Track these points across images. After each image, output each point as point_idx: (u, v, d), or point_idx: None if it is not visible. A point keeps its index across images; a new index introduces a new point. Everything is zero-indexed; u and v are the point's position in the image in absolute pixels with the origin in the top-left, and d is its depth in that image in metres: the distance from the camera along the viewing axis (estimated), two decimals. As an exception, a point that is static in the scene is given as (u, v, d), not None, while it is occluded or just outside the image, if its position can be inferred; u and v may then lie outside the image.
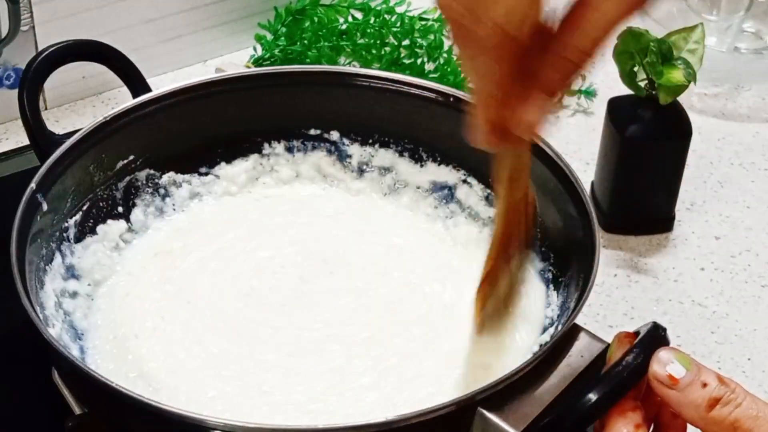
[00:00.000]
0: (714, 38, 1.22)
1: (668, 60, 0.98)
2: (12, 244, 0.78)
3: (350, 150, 0.98)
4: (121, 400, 0.70)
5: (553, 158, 0.87)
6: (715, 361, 0.93)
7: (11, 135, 1.11)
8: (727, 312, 0.98)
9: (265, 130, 0.97)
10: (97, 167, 0.90)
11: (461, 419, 0.71)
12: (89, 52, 0.94)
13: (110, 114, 0.90)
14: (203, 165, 0.96)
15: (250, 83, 0.95)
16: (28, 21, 1.09)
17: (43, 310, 0.80)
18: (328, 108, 0.96)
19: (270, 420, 0.77)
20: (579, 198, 0.84)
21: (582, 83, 1.19)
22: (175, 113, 0.93)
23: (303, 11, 1.21)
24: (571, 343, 0.75)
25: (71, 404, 0.80)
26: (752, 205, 1.09)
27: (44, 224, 0.84)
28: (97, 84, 1.17)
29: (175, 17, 1.19)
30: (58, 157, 0.86)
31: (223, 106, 0.95)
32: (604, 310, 0.97)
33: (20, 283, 0.76)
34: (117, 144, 0.91)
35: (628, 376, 0.68)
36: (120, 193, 0.92)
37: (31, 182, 0.83)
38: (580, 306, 0.75)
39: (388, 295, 0.87)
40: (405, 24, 1.22)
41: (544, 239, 0.88)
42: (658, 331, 0.69)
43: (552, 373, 0.73)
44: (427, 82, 0.95)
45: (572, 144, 1.15)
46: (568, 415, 0.68)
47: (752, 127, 1.19)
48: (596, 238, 0.80)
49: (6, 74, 1.11)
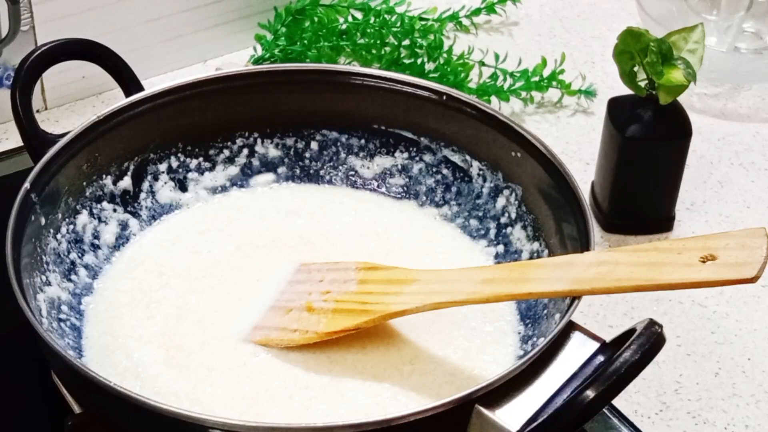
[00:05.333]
0: (714, 38, 1.22)
1: (668, 60, 0.98)
2: (7, 244, 0.78)
3: (344, 147, 0.98)
4: (120, 400, 0.70)
5: (548, 157, 0.87)
6: (715, 361, 0.93)
7: (11, 135, 1.11)
8: (727, 312, 0.97)
9: (258, 128, 0.97)
10: (91, 166, 0.90)
11: (459, 417, 0.71)
12: (82, 51, 0.94)
13: (103, 113, 0.90)
14: (197, 163, 0.96)
15: (242, 81, 0.95)
16: (28, 21, 1.09)
17: (40, 310, 0.80)
18: (322, 106, 0.97)
19: (270, 417, 0.77)
20: (574, 196, 0.84)
21: (582, 83, 1.19)
22: (168, 112, 0.93)
23: (303, 11, 1.21)
24: (566, 340, 0.75)
25: (71, 404, 0.80)
26: (752, 205, 1.09)
27: (38, 224, 0.84)
28: (97, 84, 1.17)
29: (175, 17, 1.19)
30: (52, 157, 0.86)
31: (216, 105, 0.95)
32: (604, 310, 0.97)
33: (16, 283, 0.76)
34: (111, 143, 0.91)
35: (625, 373, 0.68)
36: (115, 192, 0.92)
37: (25, 182, 0.83)
38: (575, 304, 0.75)
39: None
40: (405, 24, 1.22)
41: (540, 237, 0.88)
42: (654, 328, 0.69)
43: (548, 371, 0.73)
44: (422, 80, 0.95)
45: (572, 144, 1.14)
46: (566, 412, 0.68)
47: (752, 127, 1.18)
48: (591, 234, 0.80)
49: (6, 74, 1.11)
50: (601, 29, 1.31)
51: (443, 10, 1.27)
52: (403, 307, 0.79)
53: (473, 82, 1.19)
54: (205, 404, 0.78)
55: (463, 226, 0.94)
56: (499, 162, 0.93)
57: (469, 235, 0.94)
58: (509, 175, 0.92)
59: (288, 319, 0.83)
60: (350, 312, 0.81)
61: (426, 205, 0.96)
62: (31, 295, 0.79)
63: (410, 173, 0.97)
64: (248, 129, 0.97)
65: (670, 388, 0.90)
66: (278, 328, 0.83)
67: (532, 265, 0.79)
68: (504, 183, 0.93)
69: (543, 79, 1.18)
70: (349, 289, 0.83)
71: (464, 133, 0.94)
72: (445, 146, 0.96)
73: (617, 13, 1.34)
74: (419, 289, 0.80)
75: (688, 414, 0.88)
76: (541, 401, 0.71)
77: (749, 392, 0.90)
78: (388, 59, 1.20)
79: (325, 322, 0.82)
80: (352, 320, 0.81)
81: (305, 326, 0.82)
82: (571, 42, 1.29)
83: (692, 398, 0.89)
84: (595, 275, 0.73)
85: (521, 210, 0.91)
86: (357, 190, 0.98)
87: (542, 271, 0.77)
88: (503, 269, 0.80)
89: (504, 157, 0.92)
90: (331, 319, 0.82)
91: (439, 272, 0.82)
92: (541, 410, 0.70)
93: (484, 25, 1.31)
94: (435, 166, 0.97)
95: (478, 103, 0.93)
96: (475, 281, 0.78)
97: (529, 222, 0.90)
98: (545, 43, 1.29)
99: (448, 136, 0.95)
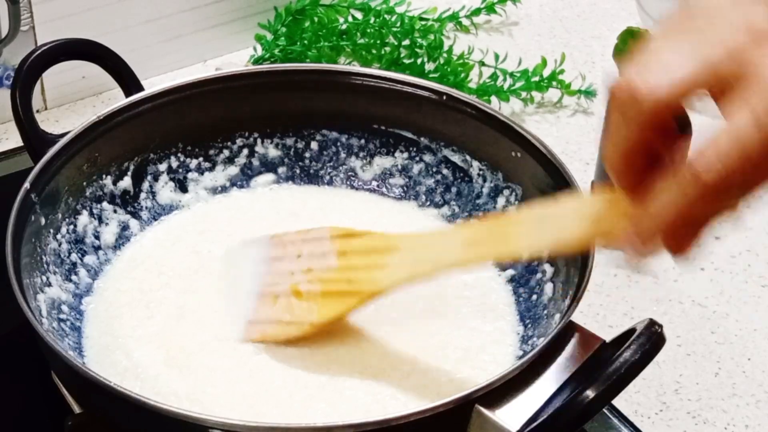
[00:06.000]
0: (714, 38, 1.21)
1: (668, 59, 0.98)
2: (7, 244, 0.78)
3: (344, 147, 0.98)
4: (120, 400, 0.70)
5: (548, 157, 0.87)
6: (715, 361, 0.93)
7: (11, 135, 1.11)
8: (727, 312, 0.97)
9: (258, 128, 0.97)
10: (91, 166, 0.90)
11: (459, 417, 0.71)
12: (82, 51, 0.94)
13: (103, 113, 0.90)
14: (197, 163, 0.96)
15: (242, 81, 0.95)
16: (28, 21, 1.10)
17: (40, 310, 0.80)
18: (322, 106, 0.97)
19: (270, 417, 0.77)
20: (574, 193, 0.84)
21: (582, 83, 1.19)
22: (168, 112, 0.93)
23: (303, 11, 1.21)
24: (567, 340, 0.75)
25: (71, 404, 0.80)
26: (752, 204, 1.09)
27: (38, 224, 0.84)
28: (97, 84, 1.17)
29: (175, 17, 1.19)
30: (52, 157, 0.86)
31: (216, 105, 0.95)
32: (604, 310, 0.97)
33: (16, 283, 0.76)
34: (111, 143, 0.91)
35: (625, 373, 0.68)
36: (115, 192, 0.92)
37: (25, 182, 0.83)
38: (575, 303, 0.75)
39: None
40: (405, 24, 1.22)
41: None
42: (654, 328, 0.69)
43: (549, 370, 0.73)
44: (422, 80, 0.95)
45: (572, 144, 1.14)
46: (566, 412, 0.68)
47: (752, 127, 1.18)
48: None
49: (6, 74, 1.11)
50: (601, 29, 1.31)
51: (443, 10, 1.27)
52: (389, 282, 0.78)
53: (473, 82, 1.19)
54: (205, 404, 0.77)
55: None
56: (499, 162, 0.93)
57: None
58: (509, 175, 0.92)
59: (279, 309, 0.83)
60: (339, 294, 0.81)
61: (426, 206, 0.96)
62: (31, 295, 0.79)
63: (410, 173, 0.97)
64: (248, 129, 0.97)
65: (670, 388, 0.90)
66: (272, 321, 0.83)
67: (512, 223, 0.75)
68: (504, 183, 0.93)
69: (543, 79, 1.18)
70: (331, 264, 0.82)
71: (464, 133, 0.94)
72: (445, 146, 0.96)
73: (617, 13, 1.34)
74: (403, 260, 0.79)
75: (688, 414, 0.88)
76: (541, 401, 0.71)
77: (749, 392, 0.90)
78: (388, 59, 1.20)
79: (317, 309, 0.81)
80: (343, 304, 0.80)
81: (299, 317, 0.82)
82: (571, 42, 1.29)
83: (692, 398, 0.89)
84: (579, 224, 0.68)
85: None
86: (357, 191, 0.98)
87: (524, 228, 0.72)
88: (482, 229, 0.76)
89: (504, 157, 0.92)
90: (322, 305, 0.81)
91: (418, 237, 0.81)
92: (541, 410, 0.70)
93: (484, 25, 1.31)
94: (435, 166, 0.97)
95: (478, 103, 0.93)
96: (456, 244, 0.76)
97: (530, 222, 0.90)
98: (545, 43, 1.29)
99: (448, 136, 0.95)
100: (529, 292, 0.87)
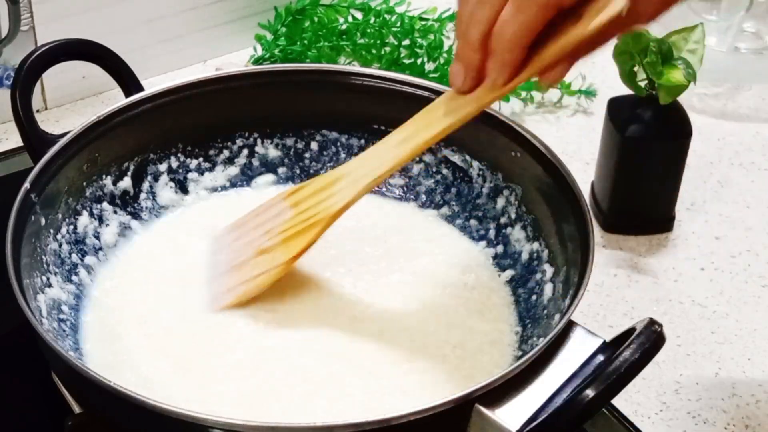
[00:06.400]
0: (714, 38, 1.22)
1: (668, 60, 0.98)
2: (7, 244, 0.78)
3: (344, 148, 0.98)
4: (120, 400, 0.70)
5: (547, 157, 0.87)
6: (715, 361, 0.93)
7: (11, 135, 1.11)
8: (727, 312, 0.97)
9: (258, 128, 0.97)
10: (91, 166, 0.90)
11: (459, 416, 0.71)
12: (82, 51, 0.94)
13: (103, 113, 0.90)
14: (197, 163, 0.96)
15: (242, 81, 0.95)
16: (28, 21, 1.10)
17: (40, 311, 0.80)
18: (322, 106, 0.97)
19: (269, 413, 0.77)
20: (574, 196, 0.84)
21: (582, 83, 1.19)
22: (168, 112, 0.93)
23: (303, 11, 1.21)
24: (566, 340, 0.75)
25: (71, 404, 0.80)
26: (752, 205, 1.09)
27: (38, 224, 0.84)
28: (98, 84, 1.17)
29: (175, 17, 1.19)
30: (52, 157, 0.86)
31: (216, 105, 0.95)
32: (604, 310, 0.97)
33: (16, 283, 0.76)
34: (111, 143, 0.91)
35: (625, 373, 0.68)
36: (115, 192, 0.92)
37: (25, 182, 0.83)
38: (575, 304, 0.75)
39: (391, 283, 0.88)
40: (405, 24, 1.22)
41: (540, 237, 0.88)
42: (654, 327, 0.69)
43: (549, 370, 0.73)
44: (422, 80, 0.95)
45: (572, 144, 1.14)
46: (566, 412, 0.68)
47: (752, 127, 1.18)
48: (590, 233, 0.80)
49: (6, 74, 1.11)
50: (601, 29, 1.31)
51: (443, 10, 1.27)
52: (342, 203, 0.82)
53: (473, 82, 1.19)
54: (205, 403, 0.77)
55: (463, 227, 0.94)
56: (498, 162, 0.93)
57: (469, 236, 0.94)
58: (509, 175, 0.92)
59: (247, 270, 0.85)
60: (300, 233, 0.84)
61: (426, 206, 0.96)
62: (31, 296, 0.79)
63: (410, 173, 0.97)
64: (248, 129, 0.97)
65: (670, 388, 0.90)
66: (242, 282, 0.85)
67: (435, 107, 0.80)
68: (504, 183, 0.93)
69: (543, 79, 1.18)
70: (287, 217, 0.85)
71: (464, 134, 0.94)
72: (445, 146, 0.95)
73: (617, 14, 1.34)
74: (348, 182, 0.83)
75: (688, 414, 0.88)
76: (541, 401, 0.71)
77: (749, 392, 0.90)
78: (388, 59, 1.20)
79: (282, 252, 0.84)
80: (306, 238, 0.83)
81: (267, 267, 0.84)
82: (571, 42, 1.29)
83: (692, 398, 0.89)
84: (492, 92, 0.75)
85: (521, 210, 0.91)
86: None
87: (447, 106, 0.78)
88: (412, 124, 0.81)
89: (504, 157, 0.92)
90: (287, 247, 0.84)
91: (360, 158, 0.84)
92: (541, 410, 0.70)
93: (484, 25, 1.31)
94: (435, 167, 0.96)
95: (478, 103, 0.93)
96: (393, 146, 0.81)
97: (529, 222, 0.90)
98: (545, 43, 1.29)
99: (448, 136, 0.95)
100: (528, 293, 0.87)
